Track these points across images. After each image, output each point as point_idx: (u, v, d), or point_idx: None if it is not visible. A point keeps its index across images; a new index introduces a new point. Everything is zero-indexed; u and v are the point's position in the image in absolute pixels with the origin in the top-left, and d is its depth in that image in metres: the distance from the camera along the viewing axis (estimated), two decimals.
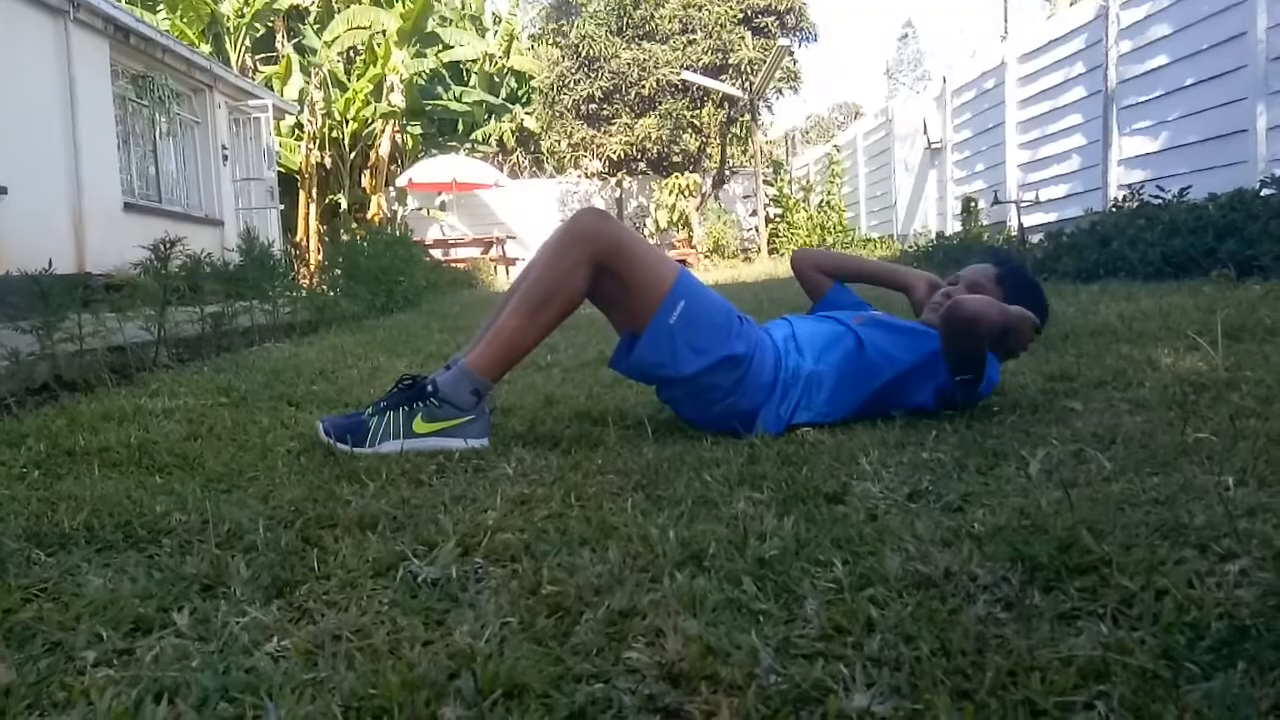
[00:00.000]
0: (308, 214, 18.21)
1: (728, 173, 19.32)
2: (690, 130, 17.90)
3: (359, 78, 18.12)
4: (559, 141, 18.42)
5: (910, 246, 12.22)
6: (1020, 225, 9.61)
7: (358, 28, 17.78)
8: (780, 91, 18.10)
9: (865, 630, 0.98)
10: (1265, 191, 5.79)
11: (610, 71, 17.42)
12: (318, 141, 17.96)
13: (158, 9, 15.99)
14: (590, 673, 0.92)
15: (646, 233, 17.91)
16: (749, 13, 17.29)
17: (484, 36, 21.50)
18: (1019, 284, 2.30)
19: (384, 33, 17.75)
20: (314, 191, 18.37)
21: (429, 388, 2.01)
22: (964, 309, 1.97)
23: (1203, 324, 3.13)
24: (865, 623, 0.99)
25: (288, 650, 0.99)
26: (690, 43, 17.35)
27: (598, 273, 2.02)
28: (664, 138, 17.56)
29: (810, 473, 1.64)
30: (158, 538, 1.40)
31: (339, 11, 18.40)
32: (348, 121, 18.26)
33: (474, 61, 21.16)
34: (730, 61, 16.91)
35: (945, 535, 1.25)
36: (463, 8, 21.96)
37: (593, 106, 17.73)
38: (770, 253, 16.22)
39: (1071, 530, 1.19)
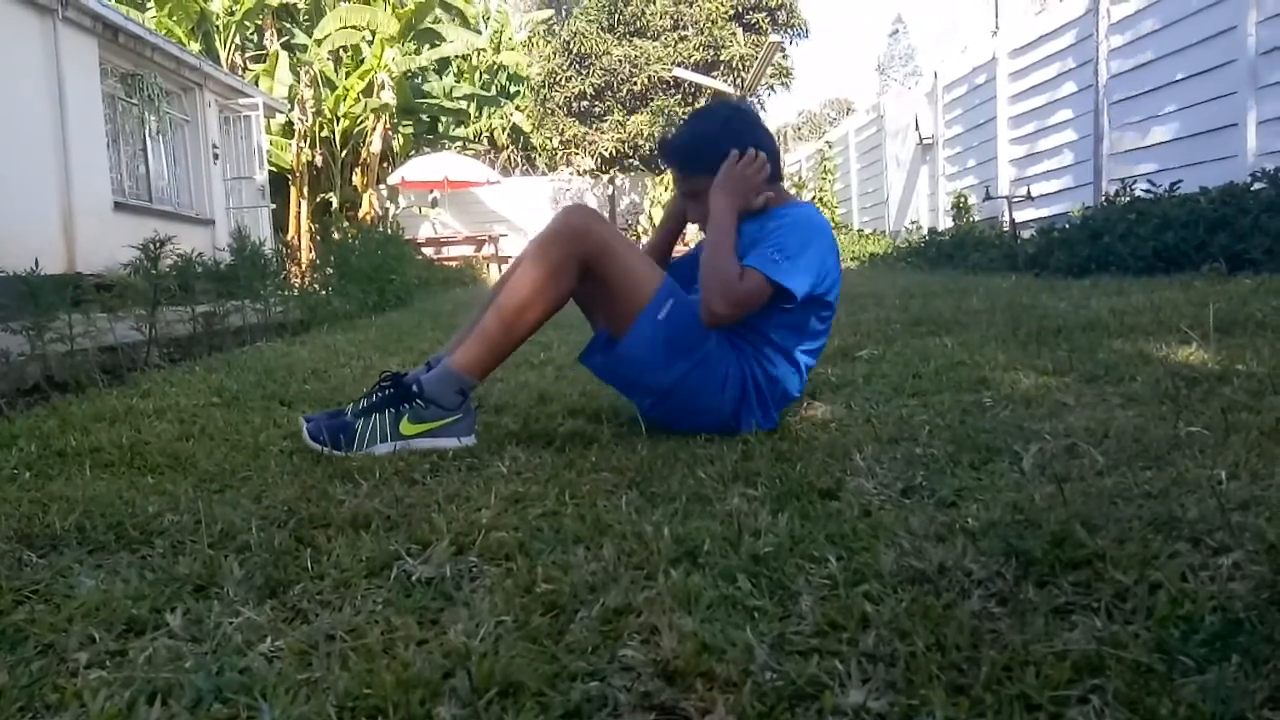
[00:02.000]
0: (299, 213, 18.16)
1: None
2: (668, 130, 17.86)
3: (349, 75, 18.06)
4: (550, 139, 18.39)
5: (903, 242, 12.24)
6: (1012, 220, 9.63)
7: (350, 27, 17.70)
8: (772, 88, 18.11)
9: (860, 626, 0.98)
10: (1256, 186, 5.81)
11: (601, 68, 17.42)
12: (309, 140, 17.91)
13: (146, 7, 15.90)
14: (585, 670, 0.92)
15: (640, 230, 17.90)
16: (740, 9, 17.29)
17: (473, 29, 21.43)
18: (701, 158, 2.08)
19: (374, 31, 17.69)
20: (305, 190, 18.31)
21: (414, 389, 1.99)
22: (714, 319, 1.93)
23: (1194, 318, 3.14)
24: (860, 619, 0.99)
25: (281, 650, 0.99)
26: (682, 39, 17.35)
27: (583, 272, 2.00)
28: (656, 135, 17.54)
29: (804, 469, 1.64)
30: (150, 538, 1.39)
31: (329, 9, 18.32)
32: (339, 119, 18.20)
33: (464, 58, 21.10)
34: (722, 58, 16.92)
35: (939, 530, 1.25)
36: (448, 8, 21.90)
37: (584, 104, 17.72)
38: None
39: (1065, 525, 1.19)
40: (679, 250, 2.40)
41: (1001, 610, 1.00)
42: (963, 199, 11.58)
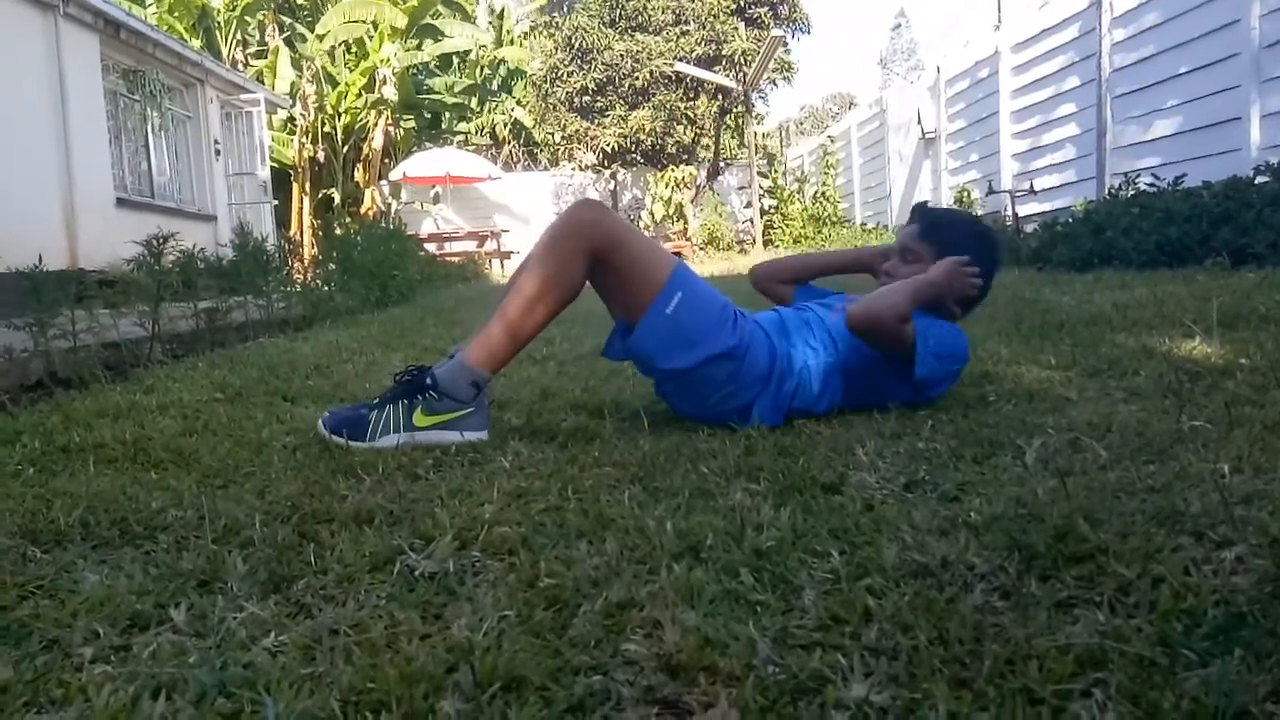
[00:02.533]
0: (301, 208, 18.17)
1: (722, 164, 19.30)
2: (684, 122, 17.87)
3: (351, 71, 18.06)
4: (552, 134, 18.38)
5: None
6: (1014, 215, 9.62)
7: (354, 21, 17.69)
8: (774, 82, 18.08)
9: (863, 620, 0.98)
10: (1259, 179, 5.79)
11: (603, 63, 17.39)
12: (310, 135, 17.91)
13: (147, 4, 15.89)
14: (588, 665, 0.92)
15: (642, 225, 17.89)
16: (742, 3, 17.26)
17: (472, 22, 21.40)
18: (941, 233, 2.28)
19: (376, 25, 17.67)
20: (307, 186, 18.32)
21: (428, 380, 2.00)
22: (856, 320, 2.02)
23: (1197, 312, 3.14)
24: (862, 612, 0.99)
25: (285, 645, 0.99)
26: (683, 34, 17.32)
27: (594, 265, 2.02)
28: (658, 130, 17.53)
29: (807, 464, 1.64)
30: (154, 534, 1.40)
31: (332, 4, 18.30)
32: (340, 115, 18.20)
33: (466, 52, 21.09)
34: (724, 53, 16.89)
35: (942, 525, 1.25)
36: (449, 3, 21.87)
37: (586, 99, 17.70)
38: (765, 244, 16.22)
39: (1068, 519, 1.19)
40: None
41: (1004, 604, 1.01)
42: (966, 193, 11.57)
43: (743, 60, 16.68)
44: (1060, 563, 1.09)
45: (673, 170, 17.99)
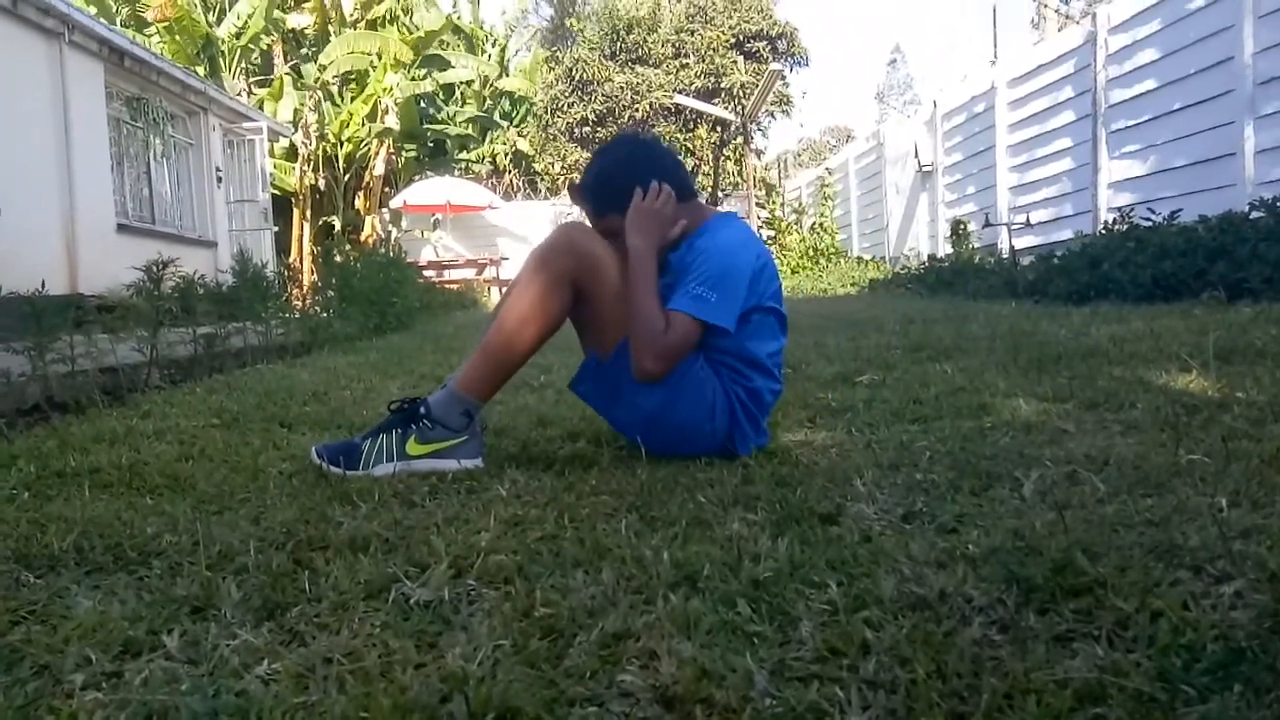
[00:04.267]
0: (301, 235, 18.23)
1: (721, 195, 19.41)
2: (683, 153, 18.00)
3: (353, 100, 18.20)
4: (553, 164, 18.50)
5: (902, 268, 12.28)
6: (1011, 247, 9.67)
7: (358, 53, 17.85)
8: (773, 115, 18.24)
9: (860, 652, 0.97)
10: (1254, 214, 5.84)
11: (603, 95, 17.56)
12: (312, 163, 18.01)
13: (151, 34, 16.04)
14: (584, 696, 0.91)
15: None
16: (741, 38, 17.47)
17: (479, 55, 21.61)
18: (608, 194, 2.08)
19: (380, 55, 17.84)
20: (308, 213, 18.40)
21: (421, 409, 2.00)
22: (645, 375, 1.90)
23: (1194, 346, 3.14)
24: (860, 645, 0.99)
25: (278, 673, 0.98)
26: (683, 67, 17.51)
27: (577, 291, 1.99)
28: None
29: (804, 494, 1.63)
30: (148, 559, 1.39)
31: (336, 35, 18.49)
32: (342, 143, 18.32)
33: (468, 83, 21.28)
34: (723, 85, 17.07)
35: (940, 557, 1.25)
36: (456, 32, 22.09)
37: (586, 129, 17.84)
38: None
39: (1066, 552, 1.19)
40: None
41: (1002, 637, 1.00)
42: (962, 225, 11.63)
43: (741, 93, 16.85)
44: (1058, 596, 1.09)
45: None
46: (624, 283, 2.00)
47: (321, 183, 18.59)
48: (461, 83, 21.15)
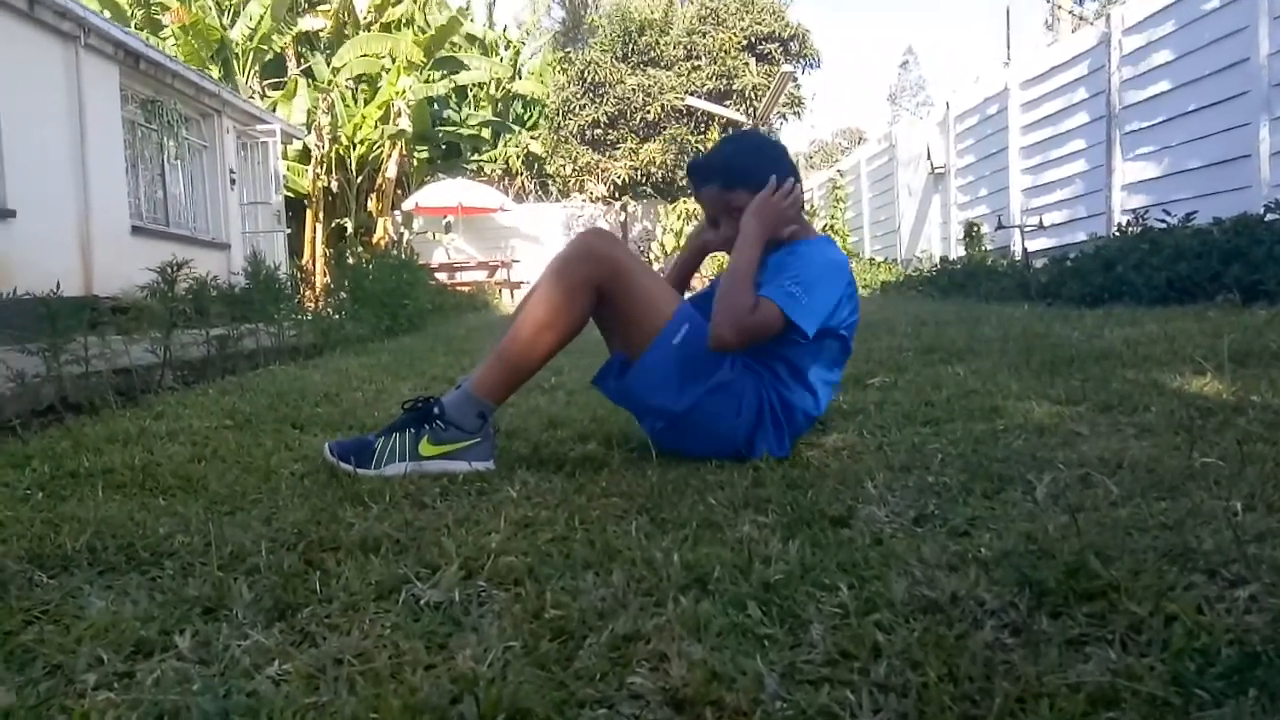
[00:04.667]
0: (314, 237, 18.31)
1: None
2: (695, 155, 17.99)
3: (367, 102, 18.27)
4: (564, 166, 18.53)
5: (914, 270, 12.24)
6: (1024, 249, 9.62)
7: (370, 55, 17.93)
8: (785, 117, 18.21)
9: (872, 656, 0.97)
10: (1270, 216, 5.79)
11: (615, 97, 17.57)
12: (325, 165, 18.09)
13: (165, 36, 16.15)
14: (594, 698, 0.91)
15: (653, 256, 17.96)
16: (753, 39, 17.44)
17: (492, 57, 21.67)
18: (734, 174, 2.13)
19: (393, 58, 17.91)
20: (320, 215, 18.48)
21: (435, 410, 2.00)
22: (721, 343, 1.93)
23: (1208, 349, 3.12)
24: (871, 648, 0.98)
25: (289, 674, 0.98)
26: (695, 69, 17.51)
27: (599, 295, 2.01)
28: (668, 162, 17.67)
29: (815, 496, 1.63)
30: (160, 560, 1.40)
31: (350, 37, 18.57)
32: (355, 145, 18.39)
33: (481, 85, 21.34)
34: (734, 87, 17.06)
35: (952, 560, 1.24)
36: (480, 34, 22.15)
37: (598, 131, 17.87)
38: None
39: (1079, 555, 1.18)
40: (695, 281, 2.41)
41: (1015, 641, 0.99)
42: (975, 228, 11.59)
43: (753, 95, 16.83)
44: (1071, 599, 1.08)
45: (684, 202, 18.11)
46: (651, 285, 2.04)
47: (334, 185, 18.67)
48: (474, 85, 21.21)
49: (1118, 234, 7.46)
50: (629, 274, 2.01)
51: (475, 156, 21.42)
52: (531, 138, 21.15)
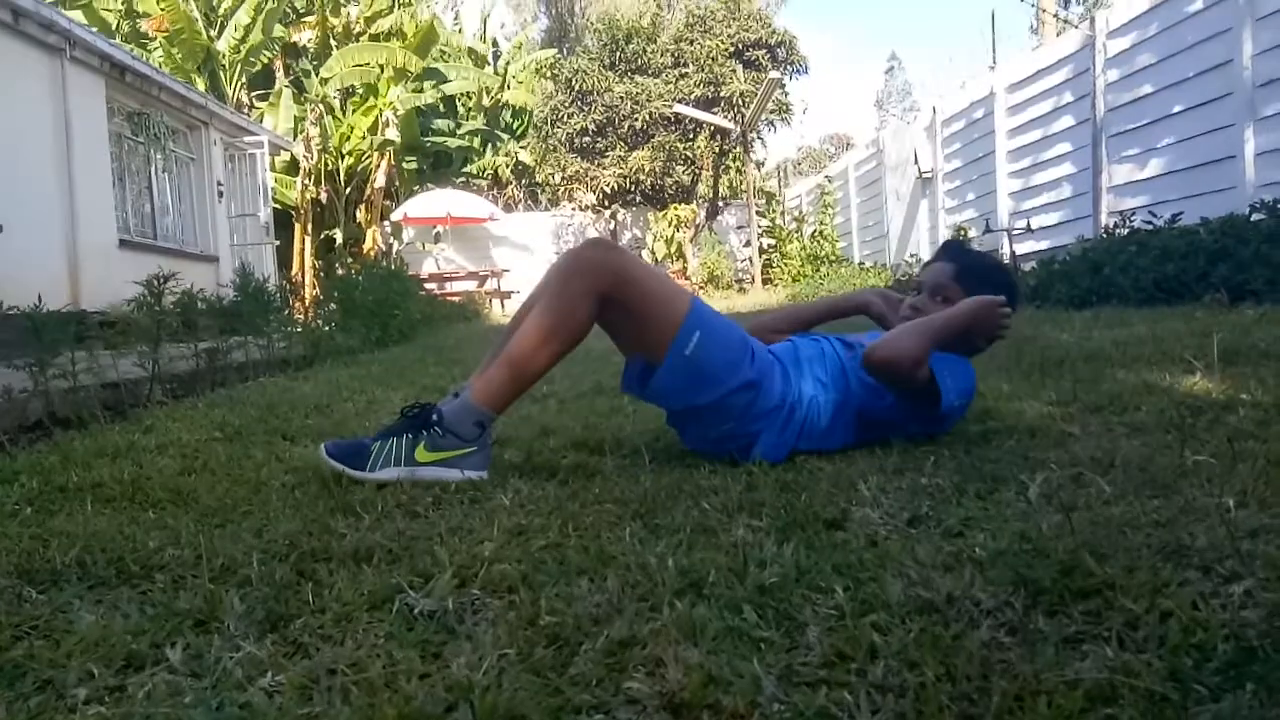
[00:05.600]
0: (303, 249, 18.27)
1: (721, 204, 19.44)
2: (683, 162, 18.02)
3: (355, 113, 18.26)
4: (553, 174, 18.54)
5: (903, 275, 12.28)
6: (1012, 253, 9.66)
7: (358, 65, 17.93)
8: (772, 124, 18.26)
9: (868, 657, 0.97)
10: (1255, 216, 5.83)
11: (603, 105, 17.58)
12: (313, 177, 18.06)
13: (154, 49, 16.11)
14: (590, 704, 0.90)
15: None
16: (740, 46, 17.48)
17: (483, 68, 21.70)
18: (976, 275, 2.31)
19: (382, 67, 17.91)
20: (309, 226, 18.44)
21: (434, 416, 1.99)
22: (873, 360, 2.03)
23: (1197, 348, 3.14)
24: (868, 649, 0.98)
25: (282, 685, 0.98)
26: (682, 76, 17.53)
27: (604, 303, 2.00)
28: (657, 170, 17.68)
29: (809, 499, 1.63)
30: (150, 573, 1.38)
31: (337, 48, 18.57)
32: (343, 157, 18.37)
33: (469, 95, 21.35)
34: (722, 94, 17.08)
35: (946, 560, 1.24)
36: (459, 44, 22.17)
37: (586, 140, 17.87)
38: (764, 283, 16.28)
39: (1073, 554, 1.18)
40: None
41: (1011, 640, 0.99)
42: (963, 231, 11.64)
43: (741, 101, 16.87)
44: (1067, 598, 1.08)
45: (673, 209, 18.12)
46: (660, 286, 2.06)
47: (323, 196, 18.64)
48: (463, 95, 21.22)
49: (1105, 236, 7.50)
50: (635, 278, 2.01)
51: (466, 169, 21.43)
52: (520, 147, 21.16)
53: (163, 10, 15.42)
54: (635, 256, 2.13)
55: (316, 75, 18.54)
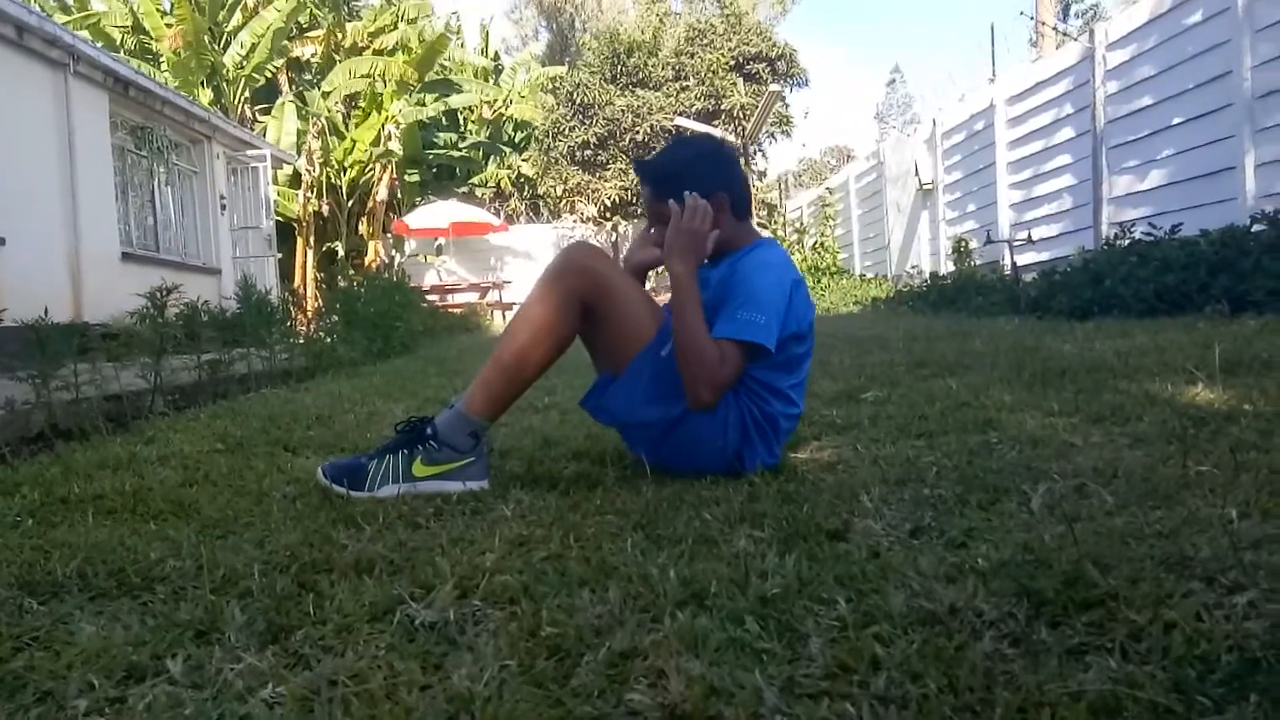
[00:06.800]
0: (305, 261, 18.30)
1: None
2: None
3: (357, 126, 18.33)
4: (555, 187, 18.59)
5: (904, 286, 12.29)
6: (1013, 264, 9.67)
7: (360, 76, 18.02)
8: (773, 136, 18.31)
9: (871, 668, 0.96)
10: (1256, 227, 5.84)
11: (604, 118, 17.65)
12: (315, 190, 18.11)
13: (160, 65, 16.20)
14: (592, 715, 0.90)
15: None
16: (740, 60, 17.56)
17: (485, 81, 21.78)
18: (668, 183, 2.05)
19: (384, 79, 17.99)
20: (311, 239, 18.48)
21: (428, 430, 1.99)
22: (702, 405, 1.91)
23: (1199, 359, 3.13)
24: (871, 661, 0.98)
25: (283, 697, 0.97)
26: (683, 89, 17.61)
27: (585, 311, 2.00)
28: None
29: (811, 510, 1.62)
30: (151, 585, 1.38)
31: (340, 62, 18.66)
32: (345, 169, 18.43)
33: (472, 109, 21.44)
34: (723, 107, 17.15)
35: (949, 571, 1.24)
36: (461, 58, 22.26)
37: (587, 152, 17.93)
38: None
39: (1076, 564, 1.18)
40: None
41: (1014, 651, 0.99)
42: (963, 243, 11.65)
43: (742, 115, 16.93)
44: (1070, 609, 1.08)
45: None
46: (637, 302, 2.02)
47: (325, 209, 18.69)
48: (465, 108, 21.30)
49: (1106, 247, 7.51)
50: (614, 290, 2.00)
51: (469, 181, 21.48)
52: (522, 160, 21.22)
53: (170, 29, 15.51)
54: (618, 266, 2.08)
55: (319, 89, 18.63)
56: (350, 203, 19.16)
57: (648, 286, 2.15)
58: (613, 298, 2.00)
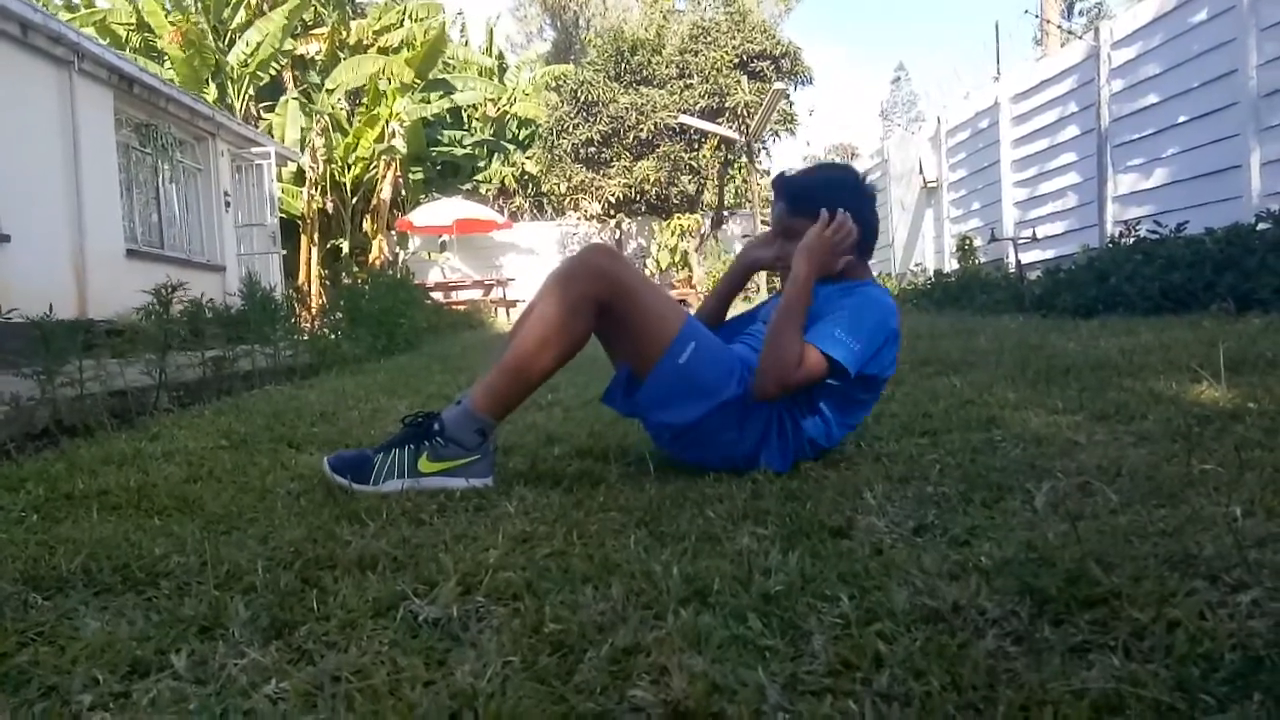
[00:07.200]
0: (309, 258, 18.31)
1: (726, 213, 19.46)
2: (688, 172, 18.06)
3: (361, 123, 18.34)
4: (558, 184, 18.58)
5: (908, 284, 12.27)
6: (1018, 262, 9.65)
7: (363, 74, 18.01)
8: (777, 134, 18.29)
9: (874, 666, 0.96)
10: (1261, 226, 5.82)
11: (608, 116, 17.63)
12: (320, 187, 18.12)
13: (165, 63, 16.22)
14: (594, 712, 0.90)
15: (647, 273, 17.99)
16: (744, 58, 17.53)
17: (493, 79, 21.78)
18: (806, 201, 2.13)
19: (389, 77, 17.99)
20: (315, 236, 18.49)
21: (435, 426, 1.99)
22: (765, 394, 1.96)
23: (1204, 357, 3.13)
24: (873, 658, 0.98)
25: (286, 692, 0.98)
26: (687, 87, 17.58)
27: (601, 311, 2.00)
28: (662, 180, 17.71)
29: (814, 507, 1.62)
30: (156, 580, 1.39)
31: (344, 59, 18.67)
32: (349, 167, 18.44)
33: (476, 107, 21.44)
34: (727, 105, 17.12)
35: (952, 569, 1.24)
36: (466, 56, 22.25)
37: (591, 150, 17.91)
38: (769, 292, 16.27)
39: (1080, 563, 1.18)
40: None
41: (1017, 649, 0.99)
42: (968, 241, 11.63)
43: (746, 112, 16.90)
44: (1073, 607, 1.08)
45: (678, 219, 18.15)
46: (656, 300, 2.04)
47: (329, 206, 18.70)
48: (469, 106, 21.30)
49: (1110, 245, 7.49)
50: (632, 289, 2.00)
51: (473, 179, 21.48)
52: (526, 157, 21.22)
53: (174, 25, 15.53)
54: (635, 267, 2.11)
55: (323, 86, 18.64)
56: (354, 200, 19.16)
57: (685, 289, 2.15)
58: (630, 297, 2.00)
